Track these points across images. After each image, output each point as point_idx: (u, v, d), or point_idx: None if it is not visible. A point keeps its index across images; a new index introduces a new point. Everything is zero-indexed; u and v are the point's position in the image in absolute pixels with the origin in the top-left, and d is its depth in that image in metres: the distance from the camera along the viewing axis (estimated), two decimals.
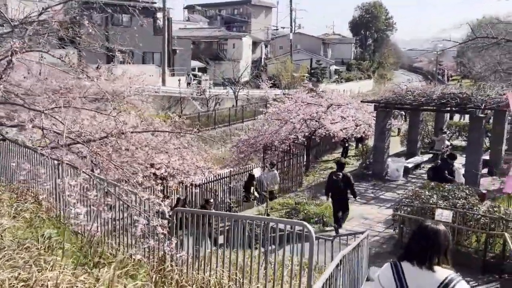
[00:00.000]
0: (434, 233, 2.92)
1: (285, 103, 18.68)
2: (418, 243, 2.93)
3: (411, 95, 15.12)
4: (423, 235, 2.94)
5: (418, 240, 2.95)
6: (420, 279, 2.85)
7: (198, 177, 13.21)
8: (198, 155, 13.85)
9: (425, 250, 2.89)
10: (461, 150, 20.13)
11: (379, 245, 10.14)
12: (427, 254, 2.88)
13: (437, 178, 11.68)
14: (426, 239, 2.92)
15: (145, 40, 39.84)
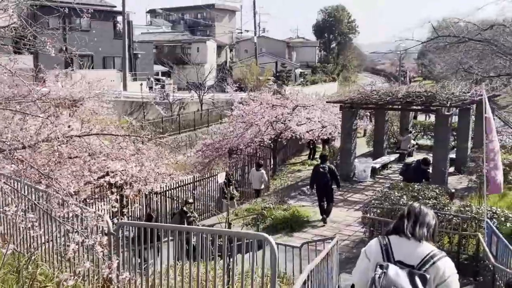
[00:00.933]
0: (423, 211, 3.04)
1: (249, 105, 18.19)
2: (407, 218, 3.02)
3: (376, 94, 14.90)
4: (414, 213, 3.03)
5: (407, 217, 3.04)
6: (407, 251, 2.90)
7: (158, 184, 12.54)
8: (159, 161, 13.19)
9: (413, 224, 2.97)
10: (427, 149, 20.15)
11: (349, 249, 9.74)
12: (415, 226, 2.96)
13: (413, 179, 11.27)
14: (414, 215, 3.02)
15: (105, 45, 38.83)
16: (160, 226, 4.46)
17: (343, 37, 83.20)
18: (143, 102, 33.45)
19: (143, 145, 12.04)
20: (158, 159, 13.24)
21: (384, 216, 9.14)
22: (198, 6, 74.22)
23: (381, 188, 11.58)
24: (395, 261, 2.91)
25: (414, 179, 11.12)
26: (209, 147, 19.16)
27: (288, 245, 7.41)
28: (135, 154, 11.19)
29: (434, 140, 14.46)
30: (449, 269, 2.88)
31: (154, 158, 12.55)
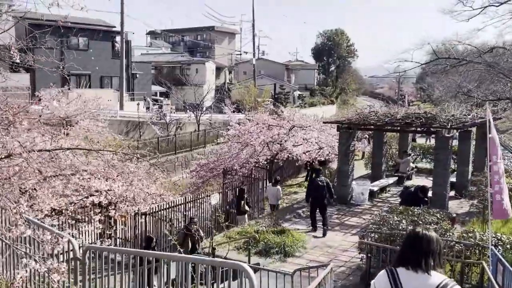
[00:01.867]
0: (427, 238, 2.96)
1: (245, 125, 17.81)
2: (412, 249, 2.95)
3: (374, 115, 14.54)
4: (416, 241, 2.96)
5: (411, 245, 2.97)
6: (416, 283, 2.86)
7: (147, 205, 12.04)
8: (149, 181, 12.72)
9: (419, 255, 2.90)
10: (426, 172, 19.72)
11: (345, 277, 9.20)
12: (421, 258, 2.89)
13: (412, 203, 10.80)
14: (419, 244, 2.93)
15: (103, 64, 38.75)
16: (127, 251, 3.98)
17: (342, 61, 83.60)
18: (140, 121, 33.11)
19: (131, 164, 11.61)
20: (148, 179, 12.79)
21: (382, 241, 8.65)
22: (198, 28, 74.72)
23: (379, 212, 11.08)
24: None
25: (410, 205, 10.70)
26: (203, 167, 18.70)
27: (280, 271, 6.90)
28: (122, 173, 10.75)
29: (434, 163, 14.03)
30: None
31: (143, 177, 12.10)
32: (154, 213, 12.16)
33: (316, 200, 12.03)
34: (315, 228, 12.01)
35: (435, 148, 14.24)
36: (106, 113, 25.94)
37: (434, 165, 14.02)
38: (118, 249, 4.28)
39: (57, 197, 8.71)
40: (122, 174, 10.93)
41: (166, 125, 34.07)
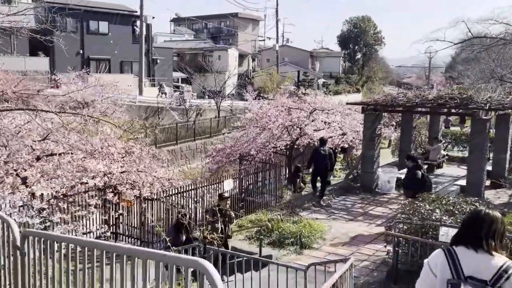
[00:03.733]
0: (490, 217, 2.80)
1: (263, 109, 16.77)
2: (474, 228, 2.79)
3: (403, 96, 13.31)
4: (479, 220, 2.80)
5: (473, 225, 2.81)
6: (477, 264, 2.69)
7: (154, 189, 11.18)
8: (157, 164, 11.86)
9: (480, 234, 2.74)
10: (458, 161, 18.36)
11: (368, 272, 8.14)
12: (483, 237, 2.74)
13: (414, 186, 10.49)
14: (481, 224, 2.78)
15: (123, 49, 38.13)
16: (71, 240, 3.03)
17: (369, 48, 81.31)
18: (158, 107, 32.43)
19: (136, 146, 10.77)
20: (156, 162, 11.94)
21: (412, 233, 7.54)
22: (222, 14, 73.56)
23: (409, 200, 9.92)
24: (465, 277, 2.69)
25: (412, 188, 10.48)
26: (220, 152, 17.76)
27: (291, 266, 5.91)
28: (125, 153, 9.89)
29: (469, 149, 12.74)
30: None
31: (151, 160, 11.24)
32: (160, 199, 11.27)
33: (317, 168, 12.63)
34: (315, 191, 12.89)
35: (470, 132, 12.93)
36: (124, 97, 25.32)
37: (469, 151, 12.74)
38: (60, 236, 3.36)
39: (48, 178, 7.89)
40: (126, 155, 10.10)
41: (186, 111, 33.29)
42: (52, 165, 7.88)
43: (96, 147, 8.76)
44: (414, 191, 10.12)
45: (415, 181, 10.45)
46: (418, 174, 10.54)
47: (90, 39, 36.12)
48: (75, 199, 8.86)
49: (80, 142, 8.37)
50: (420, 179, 10.45)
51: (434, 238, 7.16)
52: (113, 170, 8.77)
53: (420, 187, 10.22)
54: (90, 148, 8.70)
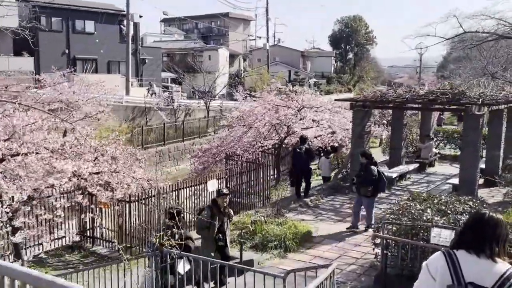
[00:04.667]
0: (494, 221, 2.66)
1: (249, 107, 16.25)
2: (475, 231, 2.65)
3: (394, 92, 12.84)
4: (482, 224, 2.66)
5: (475, 228, 2.66)
6: (478, 270, 2.57)
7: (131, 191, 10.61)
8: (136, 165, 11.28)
9: (483, 238, 2.61)
10: (450, 159, 17.94)
11: (355, 277, 7.62)
12: (486, 242, 2.60)
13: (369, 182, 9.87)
14: (484, 227, 2.64)
15: (110, 49, 37.42)
16: None
17: (360, 48, 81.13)
18: (146, 107, 31.78)
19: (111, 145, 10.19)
20: (135, 162, 11.37)
21: (402, 235, 7.03)
22: (212, 14, 72.92)
23: (398, 200, 9.43)
24: (466, 282, 2.58)
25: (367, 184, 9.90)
26: (206, 153, 17.22)
27: (268, 273, 5.37)
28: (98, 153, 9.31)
29: (462, 145, 12.29)
30: None
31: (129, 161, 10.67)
32: (138, 201, 10.69)
33: (296, 169, 12.62)
34: (298, 195, 12.62)
35: (463, 128, 12.48)
36: (109, 97, 24.71)
37: (461, 147, 12.28)
38: None
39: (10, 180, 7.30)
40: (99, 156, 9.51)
41: (174, 111, 32.69)
42: (15, 165, 7.29)
43: (64, 146, 8.17)
44: (371, 188, 9.70)
45: (371, 177, 9.77)
46: (374, 170, 9.86)
47: (76, 39, 35.40)
48: (40, 202, 8.26)
49: (46, 141, 7.78)
50: (376, 176, 9.81)
51: (425, 240, 6.67)
52: (83, 171, 8.18)
53: (376, 184, 9.75)
54: (58, 147, 8.11)
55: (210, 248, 7.40)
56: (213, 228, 7.32)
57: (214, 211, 7.37)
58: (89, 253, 11.16)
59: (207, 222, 7.26)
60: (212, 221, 7.30)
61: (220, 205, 7.48)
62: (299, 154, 12.42)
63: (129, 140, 24.87)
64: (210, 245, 7.44)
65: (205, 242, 7.53)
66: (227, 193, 7.80)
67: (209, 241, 7.44)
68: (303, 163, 12.51)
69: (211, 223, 7.26)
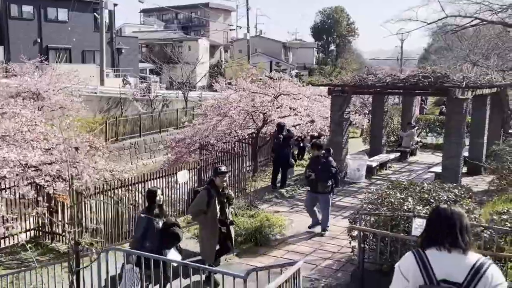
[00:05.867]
0: (458, 213, 2.68)
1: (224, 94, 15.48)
2: (443, 227, 2.62)
3: (374, 77, 12.20)
4: (447, 217, 2.65)
5: (441, 224, 2.64)
6: (449, 265, 2.56)
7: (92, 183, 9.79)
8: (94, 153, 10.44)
9: (454, 232, 2.60)
10: (433, 148, 17.47)
11: (331, 273, 6.96)
12: (458, 235, 2.59)
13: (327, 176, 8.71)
14: (450, 221, 2.63)
15: (85, 38, 36.12)
16: None
17: (342, 39, 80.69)
18: (121, 98, 30.72)
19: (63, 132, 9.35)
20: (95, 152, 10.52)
21: (381, 226, 6.38)
22: (192, 5, 71.60)
23: (377, 189, 8.78)
24: (437, 281, 2.57)
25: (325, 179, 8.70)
26: (180, 143, 16.39)
27: (227, 273, 4.65)
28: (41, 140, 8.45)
29: (444, 132, 11.72)
30: (496, 278, 2.53)
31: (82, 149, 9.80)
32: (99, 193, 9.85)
33: (276, 157, 12.17)
34: (274, 186, 12.02)
35: (446, 113, 11.92)
36: (81, 88, 23.68)
37: (444, 133, 11.71)
38: None
39: None
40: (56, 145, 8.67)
41: (150, 102, 31.68)
42: None
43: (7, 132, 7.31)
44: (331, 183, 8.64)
45: (330, 171, 8.58)
46: (333, 162, 8.78)
47: (49, 27, 34.05)
48: None
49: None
50: (336, 169, 8.70)
51: (407, 231, 6.03)
52: (30, 159, 7.34)
53: (336, 178, 8.78)
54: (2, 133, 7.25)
55: (212, 234, 6.46)
56: (213, 211, 6.37)
57: (212, 193, 6.43)
58: (47, 250, 10.33)
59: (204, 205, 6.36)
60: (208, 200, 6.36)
61: (219, 186, 6.51)
62: (280, 144, 12.01)
63: (103, 132, 23.93)
64: (212, 231, 6.47)
65: (205, 229, 6.61)
66: (226, 171, 6.76)
67: (210, 226, 6.48)
68: (283, 152, 12.06)
69: (208, 205, 6.36)
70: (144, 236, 6.07)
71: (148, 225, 6.08)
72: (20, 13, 32.97)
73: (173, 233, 6.20)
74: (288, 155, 12.22)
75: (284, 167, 12.17)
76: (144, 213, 6.25)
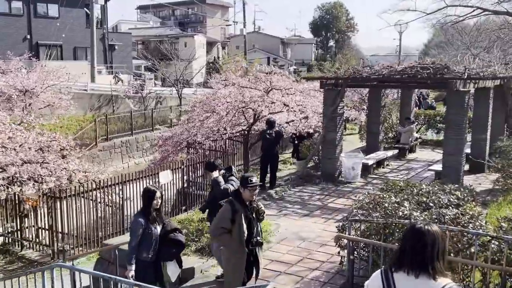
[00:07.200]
0: (432, 235, 2.54)
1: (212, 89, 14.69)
2: (414, 251, 2.53)
3: (369, 69, 11.41)
4: (419, 238, 2.54)
5: (413, 247, 2.53)
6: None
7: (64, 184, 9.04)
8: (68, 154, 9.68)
9: (423, 258, 2.51)
10: (432, 144, 16.68)
11: (319, 286, 6.19)
12: (427, 261, 2.50)
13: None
14: (423, 244, 2.52)
15: (76, 34, 35.28)
16: None
17: (341, 35, 79.88)
18: (113, 95, 29.94)
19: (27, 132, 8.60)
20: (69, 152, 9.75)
21: (373, 235, 5.61)
22: (189, 1, 70.72)
23: (371, 190, 7.98)
24: None
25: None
26: (167, 141, 15.60)
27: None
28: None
29: (445, 127, 10.92)
30: None
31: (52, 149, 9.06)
32: (71, 196, 9.09)
33: (265, 156, 11.46)
34: (263, 183, 10.90)
35: (446, 106, 11.12)
36: (71, 85, 22.90)
37: (445, 128, 10.91)
38: None
39: None
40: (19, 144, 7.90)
41: (143, 99, 30.88)
42: None
43: None
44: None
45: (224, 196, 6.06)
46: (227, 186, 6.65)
47: (39, 23, 33.26)
48: None
49: None
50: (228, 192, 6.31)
51: None
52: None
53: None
54: None
55: (239, 257, 5.23)
56: (240, 229, 5.15)
57: (237, 207, 5.19)
58: (16, 258, 9.58)
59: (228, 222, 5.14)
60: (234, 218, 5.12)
61: (246, 199, 5.24)
62: (270, 141, 11.33)
63: (93, 130, 23.19)
64: (238, 252, 5.21)
65: (228, 250, 5.36)
66: (257, 183, 5.36)
67: (236, 248, 5.22)
68: (272, 150, 11.44)
69: (233, 223, 5.14)
70: (140, 244, 5.27)
71: (144, 231, 5.26)
72: (9, 9, 32.17)
73: (175, 240, 5.39)
74: (276, 153, 11.70)
75: (273, 166, 11.43)
76: (139, 217, 5.36)
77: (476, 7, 15.98)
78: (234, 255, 5.27)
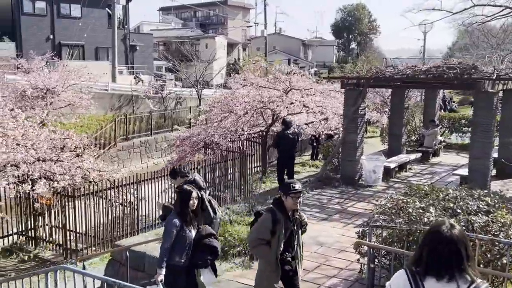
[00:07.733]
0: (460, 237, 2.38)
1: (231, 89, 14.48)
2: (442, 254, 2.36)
3: (393, 68, 11.02)
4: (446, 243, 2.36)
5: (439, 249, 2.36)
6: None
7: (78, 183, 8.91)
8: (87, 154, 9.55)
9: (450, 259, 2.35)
10: (457, 148, 16.14)
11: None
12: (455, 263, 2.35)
13: None
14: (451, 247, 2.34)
15: (98, 34, 35.55)
16: None
17: (363, 37, 79.04)
18: (133, 95, 30.05)
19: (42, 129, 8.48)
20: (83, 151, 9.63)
21: (395, 242, 5.26)
22: (211, 2, 70.86)
23: (393, 195, 7.59)
24: None
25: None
26: (185, 142, 15.44)
27: None
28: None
29: (472, 129, 10.45)
30: None
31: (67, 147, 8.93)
32: (85, 195, 8.95)
33: (282, 157, 11.34)
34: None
35: (474, 108, 10.66)
36: (92, 85, 23.00)
37: (471, 131, 10.44)
38: None
39: None
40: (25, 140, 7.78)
41: (163, 99, 30.90)
42: None
43: None
44: None
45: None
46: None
47: (62, 24, 33.60)
48: None
49: None
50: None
51: None
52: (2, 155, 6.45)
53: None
54: None
55: (273, 270, 4.69)
56: (278, 242, 4.63)
57: (279, 217, 4.63)
58: (30, 257, 9.49)
59: (268, 234, 4.60)
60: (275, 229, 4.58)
61: (289, 208, 4.66)
62: (288, 142, 11.14)
63: (113, 129, 23.24)
64: (274, 266, 4.68)
65: (264, 263, 4.84)
66: (300, 190, 4.69)
67: (272, 261, 4.68)
68: (290, 152, 11.35)
69: (273, 234, 4.60)
70: (173, 248, 4.93)
71: (178, 233, 4.94)
72: (33, 9, 32.58)
73: (210, 246, 5.06)
74: (293, 154, 11.62)
75: (290, 168, 11.33)
76: (175, 217, 5.02)
77: (505, 7, 15.40)
78: (269, 268, 4.73)
